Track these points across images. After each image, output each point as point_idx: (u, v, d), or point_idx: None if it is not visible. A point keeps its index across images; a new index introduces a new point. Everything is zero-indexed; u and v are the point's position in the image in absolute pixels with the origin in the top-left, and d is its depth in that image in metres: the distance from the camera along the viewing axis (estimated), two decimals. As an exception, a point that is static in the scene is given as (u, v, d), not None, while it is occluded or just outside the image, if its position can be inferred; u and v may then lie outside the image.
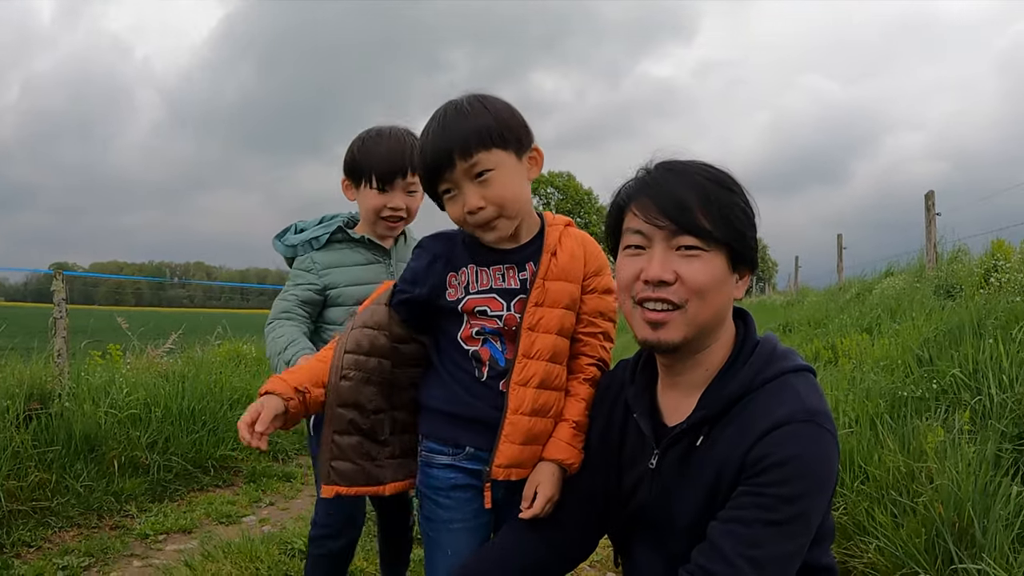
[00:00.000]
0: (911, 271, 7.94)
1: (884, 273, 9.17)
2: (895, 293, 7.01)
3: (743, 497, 1.30)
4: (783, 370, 1.40)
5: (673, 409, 1.52)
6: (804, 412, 1.32)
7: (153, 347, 6.30)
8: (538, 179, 49.86)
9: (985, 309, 4.34)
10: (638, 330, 1.44)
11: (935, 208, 7.18)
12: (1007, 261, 5.10)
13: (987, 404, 3.34)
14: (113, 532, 3.85)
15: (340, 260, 2.24)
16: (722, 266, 1.38)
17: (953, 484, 2.55)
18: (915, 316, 5.50)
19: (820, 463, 1.31)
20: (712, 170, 1.43)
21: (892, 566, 2.55)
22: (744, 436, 1.34)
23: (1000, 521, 2.35)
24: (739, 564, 1.26)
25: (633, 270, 1.41)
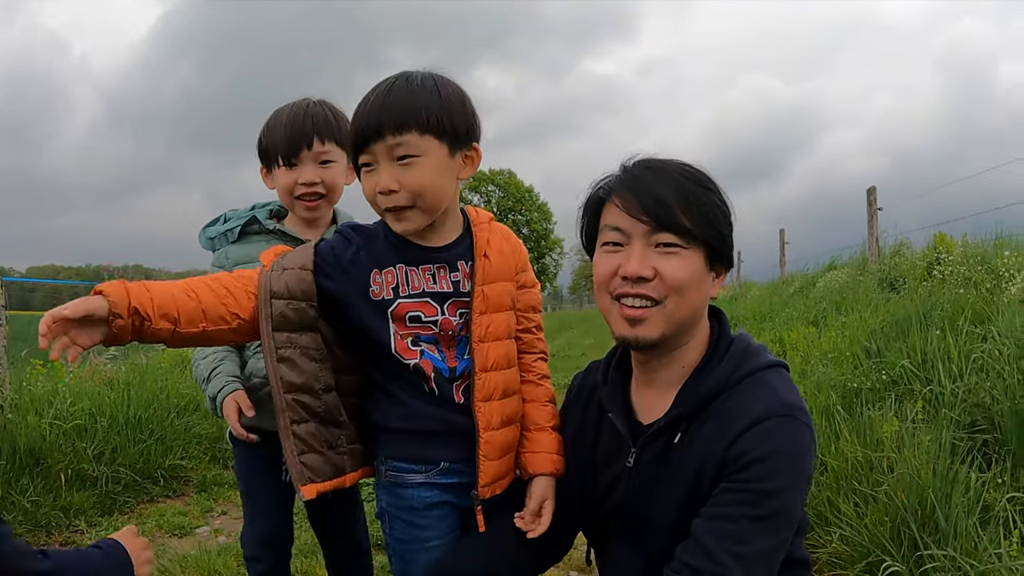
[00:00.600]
0: (854, 264, 8.21)
1: (827, 267, 9.46)
2: (839, 286, 7.22)
3: (726, 494, 1.32)
4: (758, 366, 1.43)
5: (648, 407, 1.53)
6: (782, 407, 1.35)
7: (96, 354, 6.03)
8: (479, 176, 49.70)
9: (931, 301, 4.49)
10: (615, 326, 1.44)
11: (877, 203, 7.43)
12: (949, 254, 5.31)
13: (938, 394, 3.45)
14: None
15: (252, 254, 1.94)
16: (700, 264, 1.40)
17: (913, 472, 2.62)
18: (861, 309, 5.68)
19: (799, 457, 1.34)
20: (691, 169, 1.44)
21: (857, 555, 2.60)
22: (723, 433, 1.35)
23: (962, 507, 2.42)
24: (724, 560, 1.27)
25: (611, 266, 1.42)
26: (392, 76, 1.49)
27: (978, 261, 4.98)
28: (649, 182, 1.40)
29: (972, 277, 4.66)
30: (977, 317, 4.00)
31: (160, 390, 5.45)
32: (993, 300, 4.13)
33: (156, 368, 6.13)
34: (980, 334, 3.80)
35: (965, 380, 3.40)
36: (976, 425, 3.12)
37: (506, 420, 1.59)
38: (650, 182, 1.40)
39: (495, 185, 66.64)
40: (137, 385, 5.26)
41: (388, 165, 1.44)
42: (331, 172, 1.98)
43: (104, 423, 4.61)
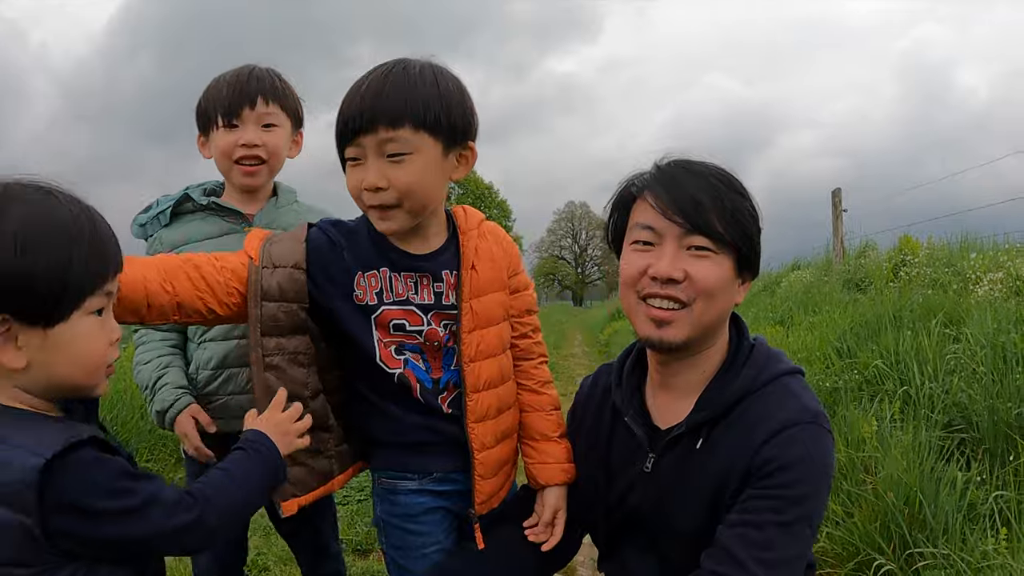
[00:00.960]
0: (818, 265, 8.38)
1: (791, 267, 9.63)
2: (804, 286, 7.36)
3: (752, 500, 1.31)
4: (780, 372, 1.42)
5: (666, 411, 1.50)
6: (807, 413, 1.35)
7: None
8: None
9: (900, 302, 4.60)
10: (640, 326, 1.42)
11: (842, 205, 7.60)
12: (915, 256, 5.45)
13: (914, 394, 3.53)
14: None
15: (188, 235, 1.84)
16: (729, 269, 1.39)
17: (899, 472, 2.67)
18: (829, 309, 5.79)
19: (823, 463, 1.34)
20: (725, 173, 1.43)
21: (847, 554, 2.64)
22: (749, 439, 1.34)
23: (951, 505, 2.48)
24: (752, 567, 1.26)
25: (640, 265, 1.40)
26: (389, 63, 1.39)
27: (944, 263, 5.13)
28: (685, 183, 1.38)
29: (939, 279, 4.78)
30: (947, 318, 4.11)
31: (124, 391, 5.25)
32: (961, 302, 4.24)
33: (119, 368, 5.92)
34: (952, 335, 3.91)
35: (941, 380, 3.48)
36: (953, 424, 3.20)
37: (501, 436, 1.54)
38: (686, 183, 1.38)
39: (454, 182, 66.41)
40: (100, 386, 5.07)
41: (377, 160, 1.34)
42: (274, 137, 1.84)
43: (67, 425, 4.43)
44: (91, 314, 1.05)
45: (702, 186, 1.38)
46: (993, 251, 4.68)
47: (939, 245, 5.79)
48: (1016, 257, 4.42)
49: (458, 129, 1.39)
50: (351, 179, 1.38)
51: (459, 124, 1.39)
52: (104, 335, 1.08)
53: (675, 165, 1.44)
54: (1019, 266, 4.26)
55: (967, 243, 5.55)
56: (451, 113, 1.37)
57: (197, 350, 1.86)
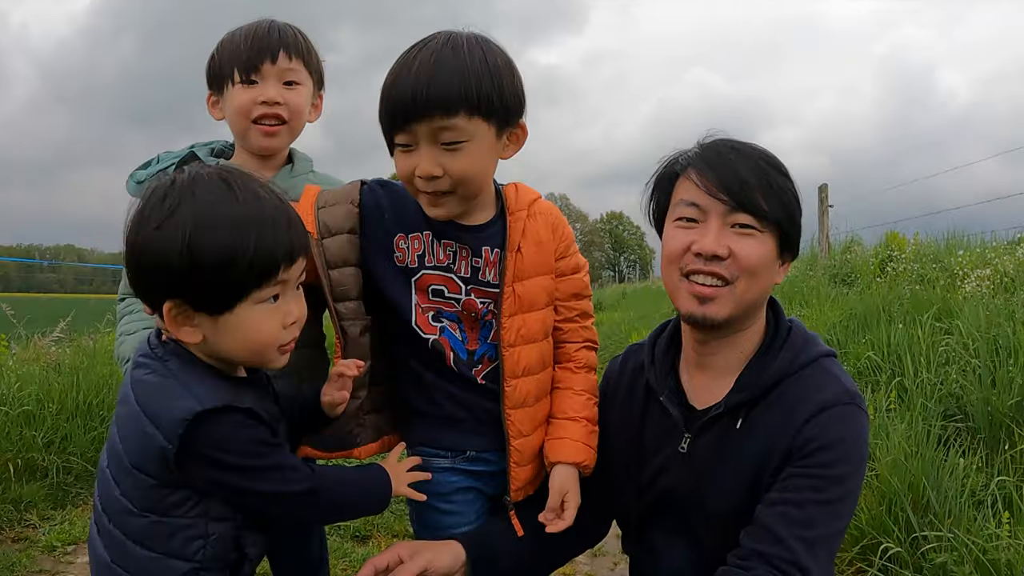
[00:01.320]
0: (804, 260, 8.48)
1: (775, 262, 9.70)
2: (789, 280, 7.44)
3: (793, 479, 1.31)
4: (819, 354, 1.43)
5: (702, 391, 1.49)
6: (846, 394, 1.36)
7: (39, 335, 5.67)
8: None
9: (890, 296, 4.68)
10: (683, 303, 1.41)
11: (828, 200, 7.70)
12: (902, 252, 5.54)
13: (909, 385, 3.60)
14: (16, 545, 3.46)
15: None
16: (772, 248, 1.39)
17: (901, 458, 2.72)
18: (819, 303, 5.87)
19: (861, 443, 1.36)
20: (769, 154, 1.44)
21: (852, 538, 2.68)
22: (790, 420, 1.35)
23: (954, 489, 2.53)
24: (793, 545, 1.26)
25: (684, 242, 1.39)
26: (434, 39, 1.31)
27: (931, 259, 5.22)
28: (732, 161, 1.38)
29: (926, 275, 4.87)
30: (938, 313, 4.19)
31: (110, 375, 5.14)
32: (951, 297, 4.32)
33: (105, 352, 5.77)
34: (944, 328, 3.98)
35: (935, 372, 3.55)
36: (949, 414, 3.26)
37: (538, 423, 1.51)
38: (732, 161, 1.38)
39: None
40: (86, 369, 4.96)
41: (431, 148, 1.28)
42: (296, 95, 1.70)
43: (53, 409, 4.32)
44: (260, 303, 1.13)
45: (748, 165, 1.38)
46: (980, 248, 4.77)
47: (926, 242, 5.91)
48: (1003, 254, 4.51)
49: (511, 110, 1.35)
50: (402, 165, 1.33)
51: (512, 105, 1.34)
52: (275, 320, 1.15)
53: (720, 143, 1.44)
54: (1006, 263, 4.35)
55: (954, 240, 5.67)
56: (504, 94, 1.31)
57: None
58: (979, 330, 3.56)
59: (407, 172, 1.32)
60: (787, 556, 1.26)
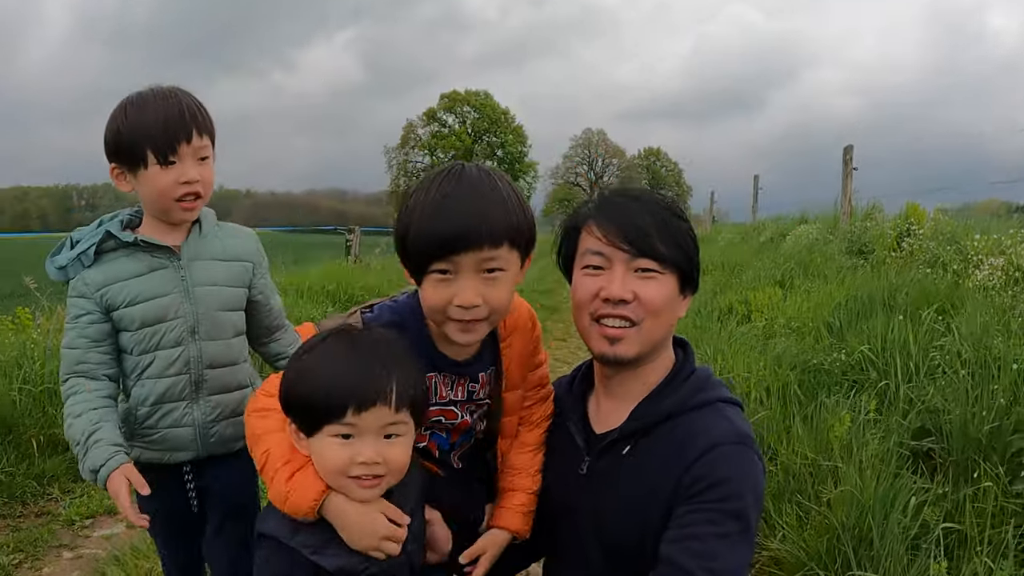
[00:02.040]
0: (825, 221, 8.18)
1: (798, 220, 9.42)
2: (808, 244, 7.20)
3: (691, 515, 1.35)
4: (717, 398, 1.50)
5: (605, 417, 1.58)
6: (736, 435, 1.41)
7: (62, 306, 5.84)
8: (454, 98, 48.33)
9: (897, 282, 4.47)
10: (595, 344, 1.50)
11: (852, 162, 7.31)
12: (920, 227, 5.27)
13: (892, 390, 3.47)
14: (39, 520, 3.67)
15: (114, 274, 1.79)
16: (673, 287, 1.47)
17: (856, 489, 2.65)
18: (828, 275, 5.68)
19: (753, 482, 1.39)
20: (666, 200, 1.53)
21: (794, 565, 2.65)
22: (678, 457, 1.40)
23: (897, 530, 2.46)
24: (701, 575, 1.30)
25: (592, 289, 1.47)
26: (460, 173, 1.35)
27: (947, 240, 4.95)
28: (629, 211, 1.47)
29: (940, 256, 4.62)
30: (942, 306, 4.00)
31: None
32: (959, 285, 4.10)
33: None
34: (944, 324, 3.80)
35: (919, 379, 3.41)
36: (925, 430, 3.15)
37: None
38: (631, 211, 1.47)
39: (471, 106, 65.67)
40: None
41: (473, 277, 1.32)
42: (207, 170, 1.79)
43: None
44: (332, 436, 1.27)
45: (644, 213, 1.46)
46: (998, 233, 4.49)
47: (945, 219, 5.56)
48: (1020, 243, 4.24)
49: (531, 242, 1.42)
50: (438, 294, 1.34)
51: (531, 237, 1.42)
52: (344, 455, 1.27)
53: (618, 194, 1.54)
54: (1021, 253, 4.10)
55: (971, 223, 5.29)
56: (530, 227, 1.39)
57: (136, 387, 1.84)
58: (973, 337, 3.38)
59: (443, 301, 1.35)
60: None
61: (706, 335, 5.86)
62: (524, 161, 67.35)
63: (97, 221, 1.86)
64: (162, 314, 1.81)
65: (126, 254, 1.81)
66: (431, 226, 1.30)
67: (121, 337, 1.83)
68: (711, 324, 6.23)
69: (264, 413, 1.41)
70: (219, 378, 1.90)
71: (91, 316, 1.78)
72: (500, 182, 1.37)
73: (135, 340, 1.82)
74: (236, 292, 1.93)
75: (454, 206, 1.30)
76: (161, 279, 1.82)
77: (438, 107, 70.21)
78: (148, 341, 1.82)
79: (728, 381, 4.32)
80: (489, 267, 1.33)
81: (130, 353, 1.83)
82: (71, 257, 1.79)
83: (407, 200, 1.39)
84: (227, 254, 1.92)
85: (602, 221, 1.48)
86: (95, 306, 1.78)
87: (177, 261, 1.84)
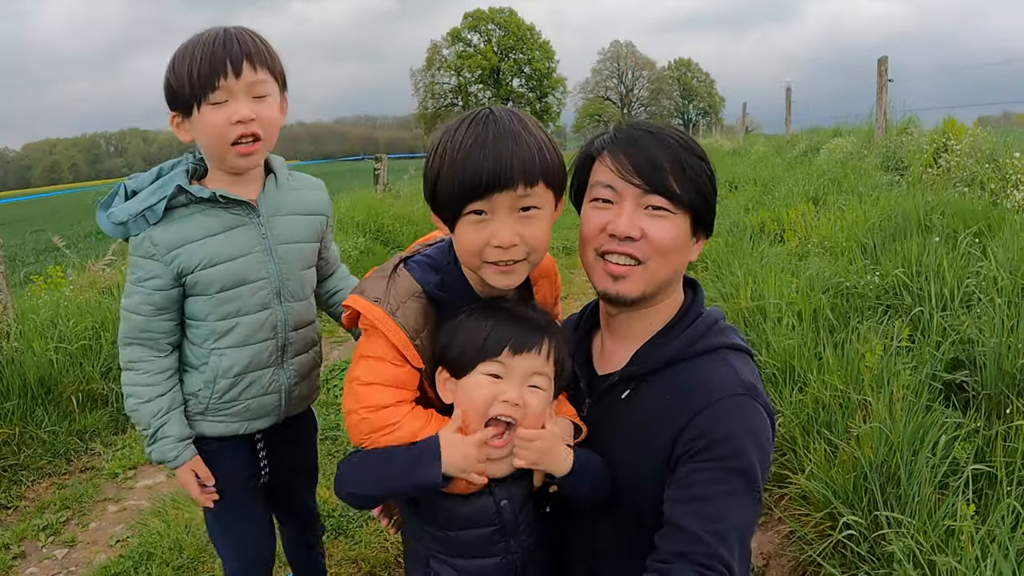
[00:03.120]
0: (859, 134, 7.88)
1: (832, 132, 9.09)
2: (842, 158, 6.99)
3: (696, 474, 1.33)
4: (722, 344, 1.46)
5: (609, 356, 1.57)
6: (741, 386, 1.37)
7: (93, 260, 5.99)
8: (478, 16, 47.11)
9: (933, 202, 4.36)
10: (598, 281, 1.47)
11: (887, 74, 6.98)
12: (958, 142, 5.06)
13: (926, 317, 3.43)
14: (83, 475, 3.85)
15: (188, 234, 1.63)
16: (685, 229, 1.43)
17: (885, 425, 2.67)
18: (862, 192, 5.53)
19: (758, 436, 1.35)
20: (684, 137, 1.45)
21: (820, 502, 2.70)
22: (679, 407, 1.37)
23: (926, 470, 2.48)
24: (708, 540, 1.28)
25: (599, 222, 1.43)
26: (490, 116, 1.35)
27: (986, 157, 4.76)
28: (645, 145, 1.41)
29: (978, 175, 4.47)
30: (979, 229, 3.89)
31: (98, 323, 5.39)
32: (997, 206, 3.99)
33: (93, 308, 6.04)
34: (980, 249, 3.72)
35: (953, 306, 3.37)
36: (958, 361, 3.13)
37: None
38: (646, 145, 1.41)
39: (495, 24, 63.57)
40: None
41: (509, 217, 1.33)
42: (267, 108, 1.61)
43: (108, 337, 4.63)
44: (484, 375, 1.38)
45: (661, 148, 1.40)
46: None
47: (984, 134, 5.33)
48: (1062, 161, 4.06)
49: (564, 183, 1.43)
50: (475, 235, 1.35)
51: (564, 177, 1.42)
52: (490, 393, 1.38)
53: (636, 126, 1.47)
54: (1063, 172, 3.94)
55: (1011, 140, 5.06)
56: (562, 168, 1.40)
57: (214, 357, 1.74)
58: (1010, 264, 3.32)
59: (480, 243, 1.36)
60: (705, 550, 1.28)
61: (738, 255, 5.77)
62: (552, 77, 65.61)
63: (156, 170, 1.73)
64: (244, 276, 1.69)
65: (199, 210, 1.66)
66: (464, 168, 1.30)
67: (193, 303, 1.70)
68: (743, 244, 6.14)
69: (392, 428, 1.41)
70: (301, 339, 1.84)
71: (157, 281, 1.65)
72: (530, 123, 1.38)
73: (212, 305, 1.69)
74: (314, 248, 1.85)
75: (488, 147, 1.31)
76: (241, 237, 1.69)
77: (462, 26, 68.23)
78: (228, 306, 1.69)
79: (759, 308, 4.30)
80: (525, 205, 1.33)
81: (203, 320, 1.70)
82: (133, 212, 1.63)
83: (435, 147, 1.38)
84: (307, 207, 1.82)
85: (616, 152, 1.43)
86: (163, 269, 1.64)
87: (257, 217, 1.71)
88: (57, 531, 3.32)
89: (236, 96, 1.56)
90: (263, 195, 1.73)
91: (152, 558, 2.99)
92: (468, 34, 68.06)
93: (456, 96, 72.29)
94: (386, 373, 1.43)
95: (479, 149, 1.30)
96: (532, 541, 1.50)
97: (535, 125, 1.39)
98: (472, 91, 71.69)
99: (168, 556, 2.98)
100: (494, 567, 1.47)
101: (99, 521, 3.41)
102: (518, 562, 1.48)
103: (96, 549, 3.18)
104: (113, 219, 1.64)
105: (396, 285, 1.47)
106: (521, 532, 1.48)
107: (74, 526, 3.38)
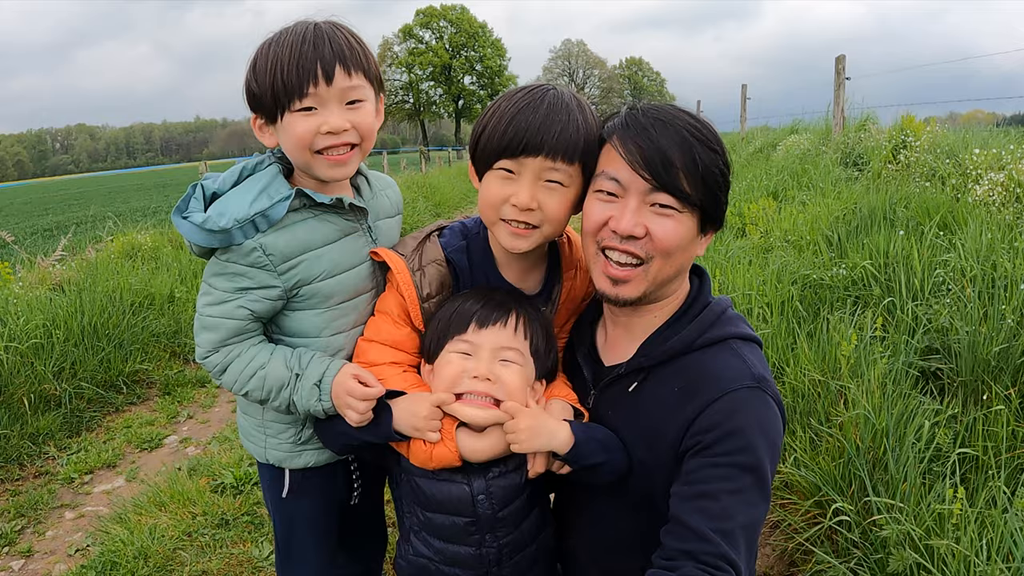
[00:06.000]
0: (816, 132, 8.05)
1: (789, 129, 9.26)
2: (800, 154, 7.12)
3: (704, 470, 1.30)
4: (730, 335, 1.42)
5: (614, 347, 1.54)
6: (751, 377, 1.34)
7: (43, 255, 5.72)
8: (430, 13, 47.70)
9: (897, 194, 4.45)
10: (597, 280, 1.44)
11: (845, 72, 7.13)
12: (916, 139, 5.19)
13: (898, 305, 3.50)
14: (38, 481, 3.67)
15: (305, 241, 1.49)
16: (692, 227, 1.38)
17: (869, 411, 2.70)
18: (823, 186, 5.64)
19: (769, 430, 1.32)
20: (699, 127, 1.37)
21: (808, 489, 2.72)
22: (690, 399, 1.34)
23: (912, 454, 2.52)
24: (714, 538, 1.25)
25: (603, 216, 1.39)
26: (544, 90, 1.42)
27: (946, 153, 4.89)
28: (656, 136, 1.33)
29: (938, 170, 4.59)
30: (943, 221, 3.99)
31: (113, 288, 5.27)
32: (959, 204, 4.10)
33: (106, 263, 5.87)
34: (946, 241, 3.81)
35: (925, 298, 3.44)
36: (932, 349, 3.20)
37: None
38: (658, 135, 1.33)
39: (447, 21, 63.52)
40: (89, 287, 5.06)
41: (534, 182, 1.40)
42: (362, 114, 1.46)
43: (60, 335, 4.46)
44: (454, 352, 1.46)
45: (674, 140, 1.33)
46: (997, 148, 4.43)
47: (942, 133, 5.48)
48: (1021, 159, 4.18)
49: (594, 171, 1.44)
50: (498, 189, 1.42)
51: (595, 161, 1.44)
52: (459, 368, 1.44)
53: (649, 113, 1.38)
54: (1022, 170, 4.06)
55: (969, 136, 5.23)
56: (595, 152, 1.42)
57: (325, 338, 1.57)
58: (979, 254, 3.40)
59: (501, 197, 1.42)
60: (712, 550, 1.26)
61: (701, 249, 5.79)
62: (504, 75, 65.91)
63: (236, 170, 1.55)
64: (360, 287, 1.58)
65: (313, 215, 1.52)
66: (511, 122, 1.37)
67: (302, 319, 1.54)
68: (705, 239, 6.15)
69: None
70: None
71: (266, 291, 1.48)
72: (587, 109, 1.43)
73: (327, 320, 1.55)
74: None
75: (540, 112, 1.37)
76: (354, 245, 1.57)
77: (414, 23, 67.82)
78: (343, 319, 1.56)
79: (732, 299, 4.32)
80: (550, 177, 1.40)
81: (316, 336, 1.55)
82: (240, 218, 1.43)
83: (491, 105, 1.44)
84: (394, 208, 1.74)
85: (626, 140, 1.35)
86: (275, 279, 1.48)
87: (365, 223, 1.59)
88: (12, 540, 3.15)
89: (327, 104, 1.42)
90: (363, 200, 1.61)
91: (116, 567, 2.84)
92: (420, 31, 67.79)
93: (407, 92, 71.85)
94: (386, 332, 1.51)
95: (531, 112, 1.37)
96: (512, 539, 1.50)
97: (591, 113, 1.43)
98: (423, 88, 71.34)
99: (133, 565, 2.84)
100: (468, 556, 1.49)
101: (56, 529, 3.24)
102: (492, 556, 1.49)
103: (54, 559, 3.01)
104: (210, 226, 1.42)
105: (424, 249, 1.55)
106: (499, 527, 1.48)
107: (30, 535, 3.21)
